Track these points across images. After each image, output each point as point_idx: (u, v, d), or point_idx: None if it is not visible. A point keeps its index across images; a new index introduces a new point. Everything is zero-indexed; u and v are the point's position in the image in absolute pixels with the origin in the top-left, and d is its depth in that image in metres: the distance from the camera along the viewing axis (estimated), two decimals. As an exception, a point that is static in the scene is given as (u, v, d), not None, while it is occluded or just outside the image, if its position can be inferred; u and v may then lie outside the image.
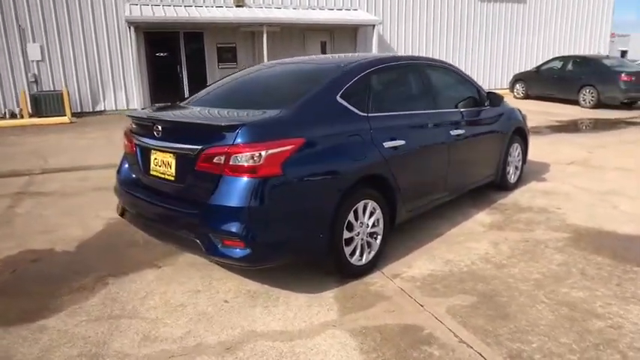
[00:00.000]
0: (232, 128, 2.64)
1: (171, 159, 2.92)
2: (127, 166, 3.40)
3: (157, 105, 3.83)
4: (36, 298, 3.11)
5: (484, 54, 19.61)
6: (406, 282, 3.18)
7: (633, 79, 12.63)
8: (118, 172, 3.50)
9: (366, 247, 3.24)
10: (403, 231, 3.94)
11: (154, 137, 3.00)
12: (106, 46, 14.01)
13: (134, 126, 3.28)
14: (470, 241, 3.85)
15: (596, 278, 3.18)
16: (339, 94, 3.11)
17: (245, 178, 2.60)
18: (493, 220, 4.37)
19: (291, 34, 16.14)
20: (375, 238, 3.31)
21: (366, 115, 3.22)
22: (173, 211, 2.89)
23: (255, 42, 15.84)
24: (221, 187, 2.64)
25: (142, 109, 3.68)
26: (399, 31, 17.73)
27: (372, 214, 3.23)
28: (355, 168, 3.02)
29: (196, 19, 13.81)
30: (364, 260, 3.23)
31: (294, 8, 16.02)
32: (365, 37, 17.11)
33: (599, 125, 10.40)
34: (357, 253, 3.18)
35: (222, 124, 2.76)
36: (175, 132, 2.94)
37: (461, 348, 2.45)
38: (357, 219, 3.12)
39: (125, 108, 14.44)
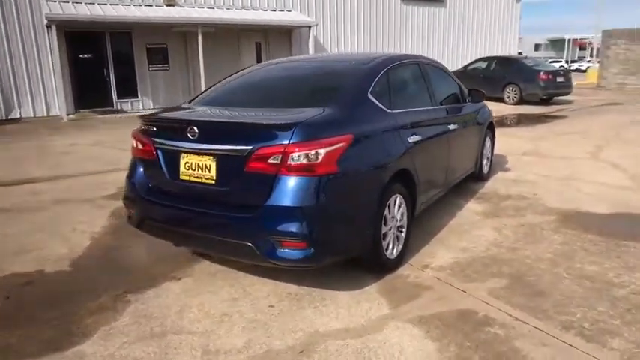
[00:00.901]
0: (287, 127, 2.60)
1: (210, 162, 2.80)
2: (142, 172, 3.18)
3: (162, 108, 3.53)
4: (52, 324, 2.81)
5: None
6: (437, 271, 3.34)
7: (550, 77, 14.12)
8: (130, 179, 3.26)
9: (396, 240, 3.34)
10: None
11: (186, 140, 2.84)
12: (19, 47, 12.74)
13: (154, 128, 3.08)
14: (475, 230, 4.12)
15: (597, 253, 3.57)
16: (369, 91, 3.19)
17: (304, 177, 2.58)
18: (484, 209, 4.70)
19: (225, 35, 15.82)
20: (402, 232, 3.42)
21: (391, 111, 3.33)
22: (216, 217, 2.77)
23: (187, 43, 15.31)
24: (278, 187, 2.59)
25: (155, 111, 3.36)
26: (332, 33, 18.14)
27: (399, 208, 3.34)
28: (392, 163, 3.12)
29: (126, 18, 13.07)
30: (395, 254, 3.34)
31: (228, 8, 15.74)
32: (299, 38, 17.29)
33: (530, 119, 11.48)
34: (390, 246, 3.27)
35: (276, 122, 2.71)
36: (217, 133, 2.82)
37: (518, 325, 2.65)
38: (389, 213, 3.21)
39: (46, 115, 13.26)
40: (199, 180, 2.86)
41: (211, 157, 2.79)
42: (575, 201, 4.86)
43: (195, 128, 2.79)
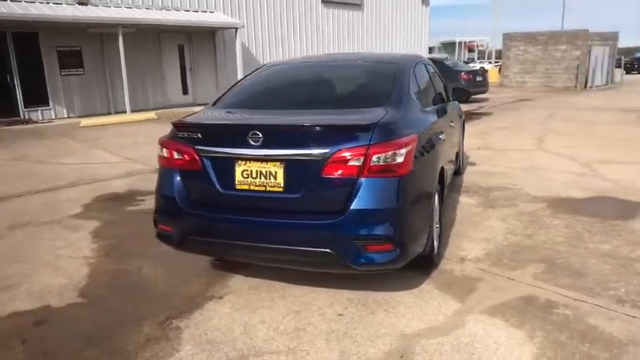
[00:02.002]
0: (366, 128, 2.55)
1: (277, 168, 2.64)
2: (182, 184, 2.89)
3: (187, 114, 3.14)
4: (102, 364, 2.47)
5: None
6: (476, 263, 3.48)
7: (470, 77, 15.33)
8: (163, 192, 2.96)
9: (435, 236, 3.43)
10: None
11: (245, 146, 2.65)
12: None
13: (198, 135, 2.81)
14: (484, 221, 4.35)
15: (600, 233, 3.98)
16: (410, 90, 3.23)
17: (387, 178, 2.55)
18: (478, 201, 4.98)
19: (145, 37, 14.91)
20: (437, 227, 3.52)
21: (424, 109, 3.41)
22: (286, 226, 2.63)
23: (104, 45, 14.17)
24: (362, 190, 2.52)
25: (189, 117, 3.00)
26: (257, 35, 17.94)
27: (436, 203, 3.43)
28: (439, 160, 3.20)
29: (30, 16, 11.70)
30: (435, 249, 3.42)
31: (147, 8, 14.84)
32: (223, 40, 16.85)
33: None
34: (435, 242, 3.35)
35: (355, 123, 2.63)
36: (285, 137, 2.66)
37: (580, 305, 2.86)
38: (434, 209, 3.28)
39: (-62, 129, 11.45)
40: (262, 188, 2.69)
41: (278, 163, 2.64)
42: (551, 188, 5.35)
43: (259, 133, 2.62)
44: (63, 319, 2.94)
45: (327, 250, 2.58)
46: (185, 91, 16.49)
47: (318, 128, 2.66)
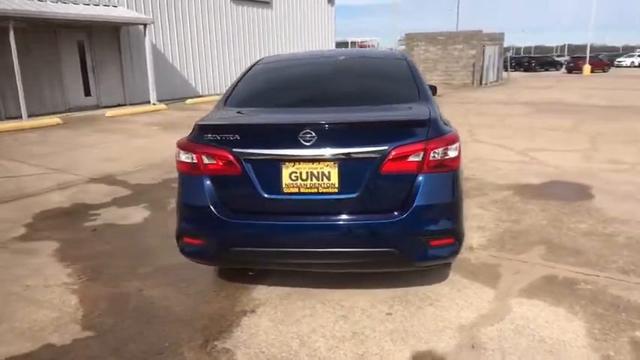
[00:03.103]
0: (422, 123, 2.54)
1: (330, 168, 2.52)
2: (215, 191, 2.63)
3: (210, 116, 2.78)
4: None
5: (245, 55, 20.87)
6: (485, 250, 3.66)
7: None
8: (191, 202, 2.67)
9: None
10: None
11: (295, 146, 2.49)
12: None
13: (235, 137, 2.57)
14: (469, 210, 4.54)
15: (573, 214, 4.42)
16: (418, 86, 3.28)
17: (445, 173, 2.57)
18: (451, 191, 5.25)
19: (39, 33, 13.33)
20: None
21: None
22: (347, 228, 2.52)
23: (-11, 41, 12.36)
24: (423, 185, 2.51)
25: (215, 118, 2.70)
26: (164, 33, 16.96)
27: None
28: None
29: None
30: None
31: (41, 0, 13.25)
32: (129, 37, 15.68)
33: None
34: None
35: (411, 119, 2.60)
36: (339, 135, 2.53)
37: (595, 279, 3.15)
38: None
39: None
40: (314, 190, 2.55)
41: (332, 163, 2.52)
42: (508, 177, 5.82)
43: (312, 132, 2.48)
44: (77, 355, 2.53)
45: (390, 250, 2.54)
46: (87, 93, 15.03)
47: (374, 125, 2.60)
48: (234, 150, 2.57)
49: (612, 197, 4.89)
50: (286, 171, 2.56)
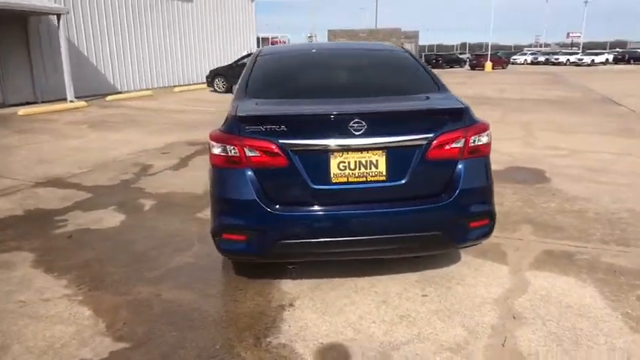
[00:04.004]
0: (460, 111, 2.69)
1: (378, 156, 2.57)
2: (260, 184, 2.56)
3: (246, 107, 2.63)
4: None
5: (166, 50, 19.99)
6: (481, 231, 3.95)
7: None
8: (233, 196, 2.58)
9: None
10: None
11: (344, 135, 2.52)
12: None
13: (283, 127, 2.51)
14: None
15: (541, 195, 4.89)
16: None
17: (481, 158, 2.74)
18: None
19: None
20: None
21: None
22: (396, 214, 2.60)
23: None
24: (465, 170, 2.66)
25: (256, 109, 2.79)
26: (79, 25, 15.66)
27: None
28: None
29: None
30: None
31: None
32: (39, 28, 14.25)
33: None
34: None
35: (451, 107, 2.72)
36: (387, 124, 2.59)
37: (586, 250, 3.54)
38: None
39: None
40: (362, 179, 2.59)
41: (380, 152, 2.57)
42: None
43: (363, 121, 2.51)
44: (125, 369, 2.34)
45: (437, 233, 2.67)
46: (-11, 90, 13.44)
47: (420, 113, 2.70)
48: (280, 141, 2.53)
49: (566, 179, 5.48)
50: (334, 161, 2.58)
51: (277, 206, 2.58)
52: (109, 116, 11.66)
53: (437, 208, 2.65)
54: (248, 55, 18.61)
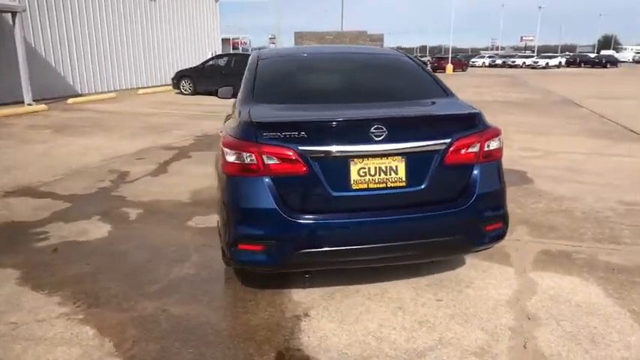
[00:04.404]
0: (474, 117, 2.72)
1: (398, 162, 2.56)
2: (277, 191, 2.49)
3: (257, 115, 2.57)
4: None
5: (129, 51, 19.39)
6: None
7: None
8: (250, 205, 2.50)
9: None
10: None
11: (365, 141, 2.50)
12: None
13: (302, 134, 2.46)
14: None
15: (528, 196, 5.03)
16: None
17: (494, 162, 2.78)
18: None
19: None
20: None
21: None
22: (417, 220, 2.60)
23: None
24: (481, 174, 2.69)
25: (273, 115, 2.75)
26: (37, 23, 14.92)
27: None
28: None
29: None
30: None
31: None
32: (-9, 26, 13.48)
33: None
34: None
35: (466, 112, 2.74)
36: (406, 130, 2.59)
37: (581, 249, 3.67)
38: None
39: None
40: (382, 185, 2.57)
41: (399, 157, 2.56)
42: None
43: (383, 127, 2.50)
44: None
45: (455, 237, 2.69)
46: None
47: (438, 119, 2.71)
48: (300, 148, 2.48)
49: (548, 180, 5.67)
50: (355, 167, 2.55)
51: (297, 214, 2.53)
52: (74, 120, 11.16)
53: (456, 213, 2.66)
54: (219, 57, 18.42)
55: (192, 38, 23.43)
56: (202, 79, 17.00)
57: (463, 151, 2.66)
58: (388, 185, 2.60)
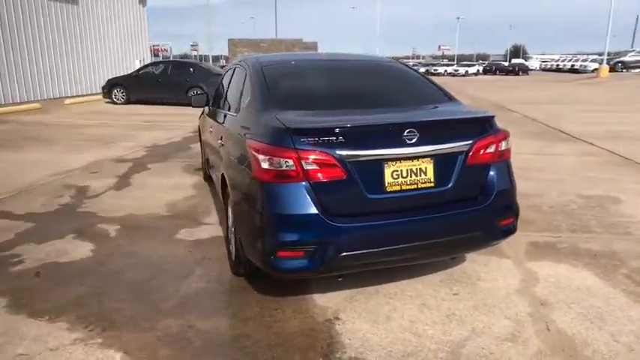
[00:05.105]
0: (489, 119, 2.95)
1: (427, 164, 2.71)
2: (316, 196, 2.54)
3: (283, 119, 2.64)
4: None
5: (52, 57, 18.14)
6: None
7: (230, 80, 15.97)
8: (291, 212, 2.52)
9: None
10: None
11: (398, 144, 2.62)
12: None
13: (340, 139, 2.52)
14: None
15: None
16: None
17: (504, 161, 3.02)
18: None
19: None
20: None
21: None
22: (446, 218, 2.75)
23: None
24: (497, 173, 2.91)
25: (305, 121, 2.77)
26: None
27: None
28: None
29: None
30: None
31: None
32: None
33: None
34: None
35: (483, 116, 2.93)
36: (435, 133, 2.74)
37: (562, 239, 4.05)
38: None
39: None
40: (413, 187, 2.70)
41: (428, 159, 2.71)
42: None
43: (415, 130, 2.63)
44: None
45: (477, 233, 2.88)
46: None
47: (462, 122, 2.91)
48: (337, 153, 2.55)
49: (509, 178, 6.14)
50: (388, 170, 2.66)
51: (336, 218, 2.59)
52: (2, 133, 10.25)
53: (478, 210, 2.87)
54: (154, 64, 17.78)
55: (120, 45, 22.36)
56: (136, 87, 16.33)
57: (482, 152, 2.87)
58: (419, 186, 2.74)
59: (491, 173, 2.94)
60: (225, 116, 3.87)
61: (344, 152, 2.57)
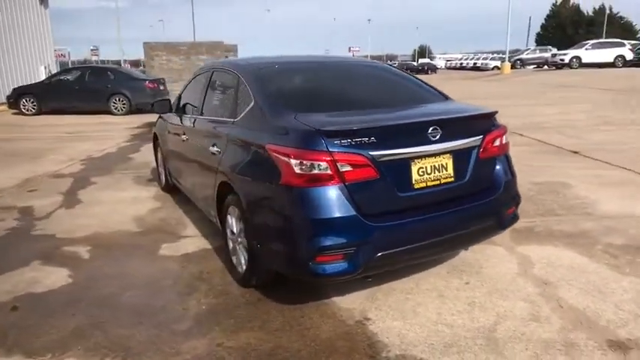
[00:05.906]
0: (493, 115, 3.11)
1: (447, 160, 2.80)
2: (351, 197, 2.54)
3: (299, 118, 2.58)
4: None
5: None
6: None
7: (155, 85, 15.23)
8: (328, 215, 2.49)
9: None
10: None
11: (423, 142, 2.69)
12: None
13: (372, 139, 2.52)
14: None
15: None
16: None
17: (507, 153, 3.22)
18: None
19: None
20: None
21: None
22: (466, 211, 2.87)
23: None
24: (503, 165, 3.11)
25: (339, 122, 2.73)
26: None
27: None
28: None
29: None
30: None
31: None
32: None
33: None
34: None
35: (489, 112, 3.09)
36: (453, 129, 2.83)
37: (535, 224, 4.38)
38: None
39: None
40: (436, 182, 2.78)
41: (448, 155, 2.81)
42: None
43: (439, 128, 2.71)
44: None
45: (492, 223, 3.04)
46: None
47: (474, 118, 3.05)
48: (370, 153, 2.56)
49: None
50: (415, 167, 2.73)
51: (372, 218, 2.60)
52: None
53: (491, 200, 3.03)
54: (67, 71, 16.47)
55: (20, 49, 20.39)
56: (49, 96, 14.98)
57: (491, 146, 3.04)
58: (441, 182, 2.84)
59: (498, 165, 3.13)
60: (213, 122, 3.70)
61: (376, 152, 2.59)
